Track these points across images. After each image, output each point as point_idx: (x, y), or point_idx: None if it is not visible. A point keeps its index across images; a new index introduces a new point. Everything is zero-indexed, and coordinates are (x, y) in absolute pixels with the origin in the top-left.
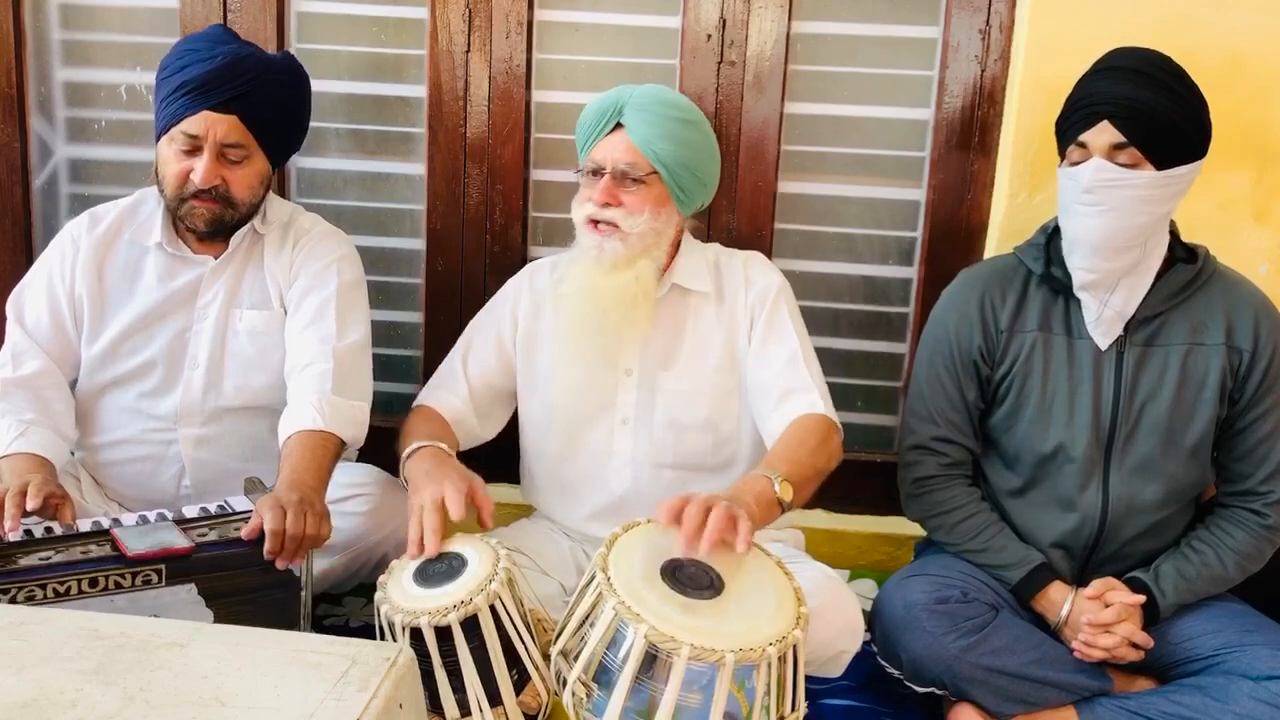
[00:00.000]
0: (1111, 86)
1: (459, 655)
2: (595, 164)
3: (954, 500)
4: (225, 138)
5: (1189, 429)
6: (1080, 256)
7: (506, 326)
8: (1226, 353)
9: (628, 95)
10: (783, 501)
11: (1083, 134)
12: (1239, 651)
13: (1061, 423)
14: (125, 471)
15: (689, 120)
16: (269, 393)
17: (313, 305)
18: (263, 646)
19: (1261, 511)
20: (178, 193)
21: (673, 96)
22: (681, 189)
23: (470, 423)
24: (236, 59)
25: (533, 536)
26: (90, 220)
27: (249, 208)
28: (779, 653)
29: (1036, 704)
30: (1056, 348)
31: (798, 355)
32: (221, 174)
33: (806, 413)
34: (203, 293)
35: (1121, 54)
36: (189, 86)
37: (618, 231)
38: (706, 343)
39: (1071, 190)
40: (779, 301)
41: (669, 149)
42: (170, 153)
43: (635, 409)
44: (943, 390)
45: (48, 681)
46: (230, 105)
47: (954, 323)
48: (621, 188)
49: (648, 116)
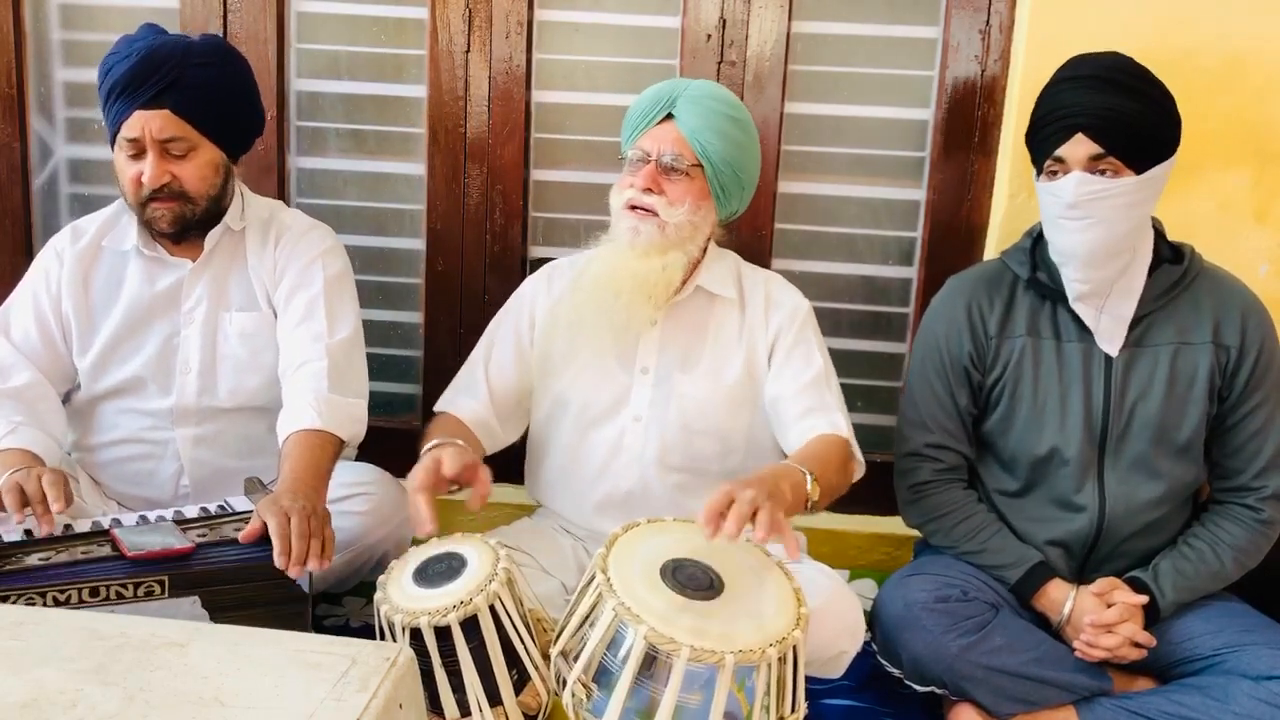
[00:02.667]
0: (1082, 97)
1: (459, 655)
2: (642, 151)
3: (951, 503)
4: (161, 133)
5: (1181, 428)
6: (1073, 269)
7: (525, 327)
8: (1214, 350)
9: (683, 88)
10: (810, 499)
11: (1058, 148)
12: (1239, 651)
13: (1055, 426)
14: (123, 471)
15: (738, 119)
16: (264, 392)
17: (302, 303)
18: (263, 646)
19: (1256, 506)
20: (136, 198)
21: (725, 94)
22: (722, 187)
23: (492, 426)
24: (151, 51)
25: (533, 536)
26: (73, 234)
27: (209, 200)
28: (779, 653)
29: (1036, 703)
30: (1045, 352)
31: (822, 377)
32: (169, 170)
33: (830, 433)
34: (185, 296)
35: (1085, 62)
36: (116, 89)
37: (655, 218)
38: (728, 350)
39: (1055, 205)
40: (806, 326)
41: (716, 144)
42: (121, 160)
43: (649, 408)
44: (935, 397)
45: (48, 681)
46: (159, 99)
47: (943, 330)
48: (665, 177)
49: (699, 109)
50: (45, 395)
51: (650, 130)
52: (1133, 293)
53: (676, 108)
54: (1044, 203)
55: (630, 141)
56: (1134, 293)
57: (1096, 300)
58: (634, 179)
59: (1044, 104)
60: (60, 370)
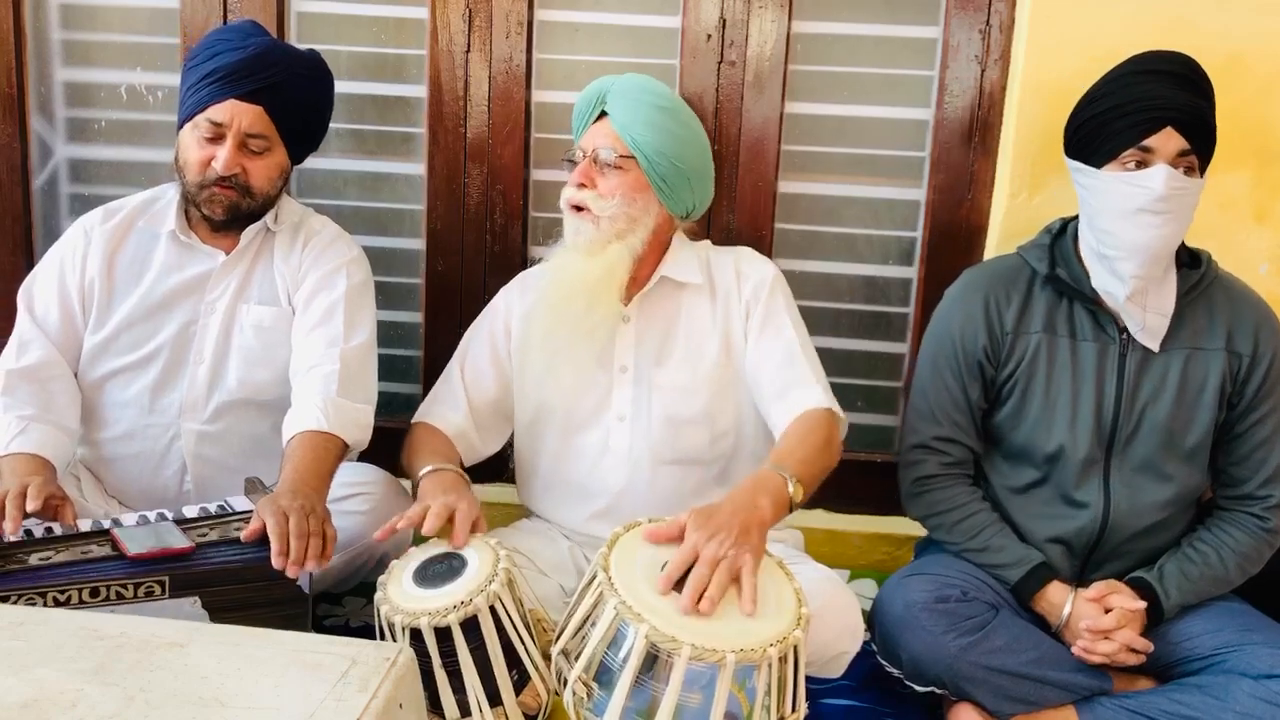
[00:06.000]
0: (1169, 90)
1: (459, 655)
2: (581, 151)
3: (954, 499)
4: (250, 127)
5: (1189, 433)
6: (1137, 265)
7: (500, 337)
8: (1226, 358)
9: (610, 84)
10: (793, 502)
11: (1147, 139)
12: (1239, 650)
13: (1064, 424)
14: (127, 468)
15: (668, 109)
16: (272, 388)
17: (321, 306)
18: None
19: (1261, 515)
20: (199, 179)
21: (654, 85)
22: (662, 178)
23: (471, 438)
24: (266, 50)
25: (532, 536)
26: (104, 213)
27: (266, 199)
28: (780, 653)
29: (1036, 703)
30: (1061, 350)
31: (795, 347)
32: (242, 163)
33: (811, 408)
34: (212, 287)
35: (1166, 57)
36: (218, 74)
37: (590, 214)
38: (702, 337)
39: (1137, 197)
40: (775, 293)
41: (647, 135)
42: (193, 139)
43: (631, 406)
44: (946, 390)
45: (48, 681)
46: (257, 95)
47: (959, 322)
48: (599, 172)
49: (627, 103)
50: (60, 375)
51: (588, 130)
52: (1170, 288)
53: (608, 104)
54: (1117, 193)
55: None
56: (1170, 290)
57: (1142, 298)
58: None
59: (1119, 93)
60: (78, 348)
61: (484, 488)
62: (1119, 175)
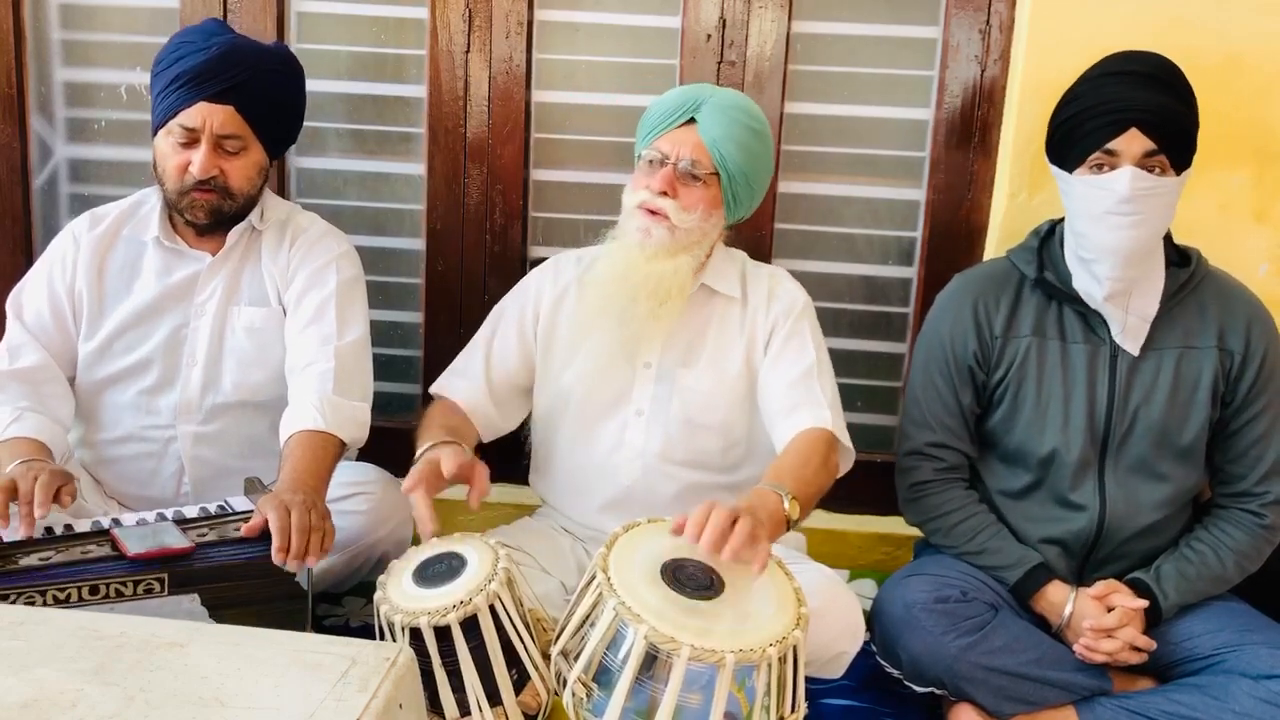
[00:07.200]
0: (1136, 92)
1: (458, 655)
2: (660, 154)
3: (951, 503)
4: (222, 128)
5: (1183, 432)
6: (1110, 267)
7: (529, 319)
8: (1219, 355)
9: (708, 94)
10: (790, 520)
11: (1111, 141)
12: (1238, 651)
13: (1057, 426)
14: (126, 469)
15: (759, 132)
16: (267, 388)
17: (312, 304)
18: (263, 646)
19: (1258, 512)
20: (178, 185)
21: (750, 105)
22: (735, 196)
23: (489, 412)
24: (231, 49)
25: (533, 535)
26: (91, 220)
27: (247, 199)
28: (779, 653)
29: (1036, 703)
30: (1051, 352)
31: (813, 371)
32: (219, 165)
33: (813, 426)
34: (200, 289)
35: (1133, 58)
36: (184, 78)
37: (667, 222)
38: (729, 346)
39: (1103, 200)
40: (802, 318)
41: (735, 155)
42: (168, 146)
43: (651, 403)
44: (938, 396)
45: (48, 681)
46: (226, 95)
47: (949, 328)
48: (681, 182)
49: (723, 119)
50: (53, 378)
51: (670, 133)
52: (1154, 291)
53: (700, 114)
54: (1085, 197)
55: (647, 141)
56: (1156, 291)
57: (1123, 300)
58: (649, 180)
59: (1088, 96)
60: (69, 353)
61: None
62: (1085, 179)
